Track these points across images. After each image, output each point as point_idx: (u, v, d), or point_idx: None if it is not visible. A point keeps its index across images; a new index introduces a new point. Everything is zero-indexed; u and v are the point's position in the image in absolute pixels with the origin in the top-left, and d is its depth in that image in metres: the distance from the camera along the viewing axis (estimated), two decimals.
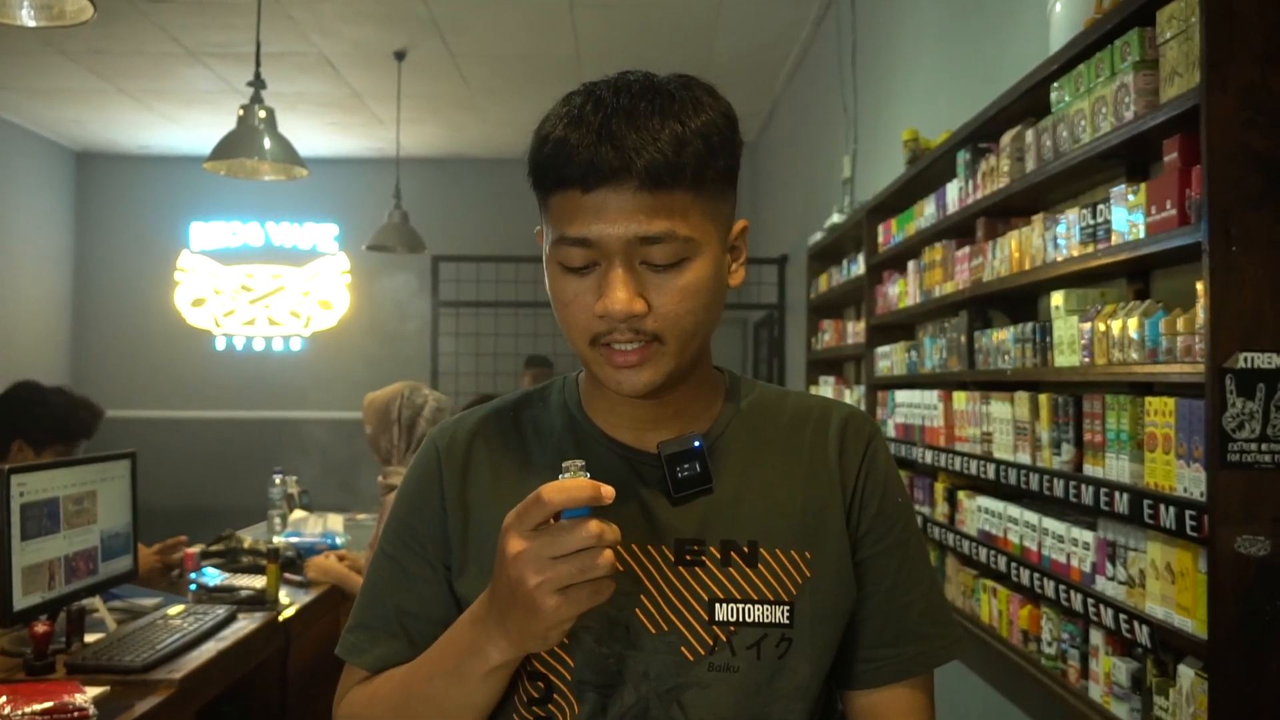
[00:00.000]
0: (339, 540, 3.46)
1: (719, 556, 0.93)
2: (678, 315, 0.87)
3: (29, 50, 5.32)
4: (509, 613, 0.80)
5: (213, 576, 2.92)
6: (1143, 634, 1.53)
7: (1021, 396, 2.04)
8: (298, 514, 3.86)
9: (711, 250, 0.89)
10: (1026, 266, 2.03)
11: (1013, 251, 2.10)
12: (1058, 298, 1.89)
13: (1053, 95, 1.89)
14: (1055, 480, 1.83)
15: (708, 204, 0.88)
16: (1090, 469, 1.74)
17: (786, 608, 0.92)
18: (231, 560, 3.24)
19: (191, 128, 6.82)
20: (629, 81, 0.88)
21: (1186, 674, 1.44)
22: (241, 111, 3.60)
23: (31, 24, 2.17)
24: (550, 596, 0.77)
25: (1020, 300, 2.28)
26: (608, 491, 0.77)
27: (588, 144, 0.84)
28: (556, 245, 0.88)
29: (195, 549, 3.15)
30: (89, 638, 2.28)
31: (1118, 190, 1.67)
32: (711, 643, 0.91)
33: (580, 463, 0.79)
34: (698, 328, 0.89)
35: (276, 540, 3.43)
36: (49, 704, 1.77)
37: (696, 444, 0.92)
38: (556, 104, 0.90)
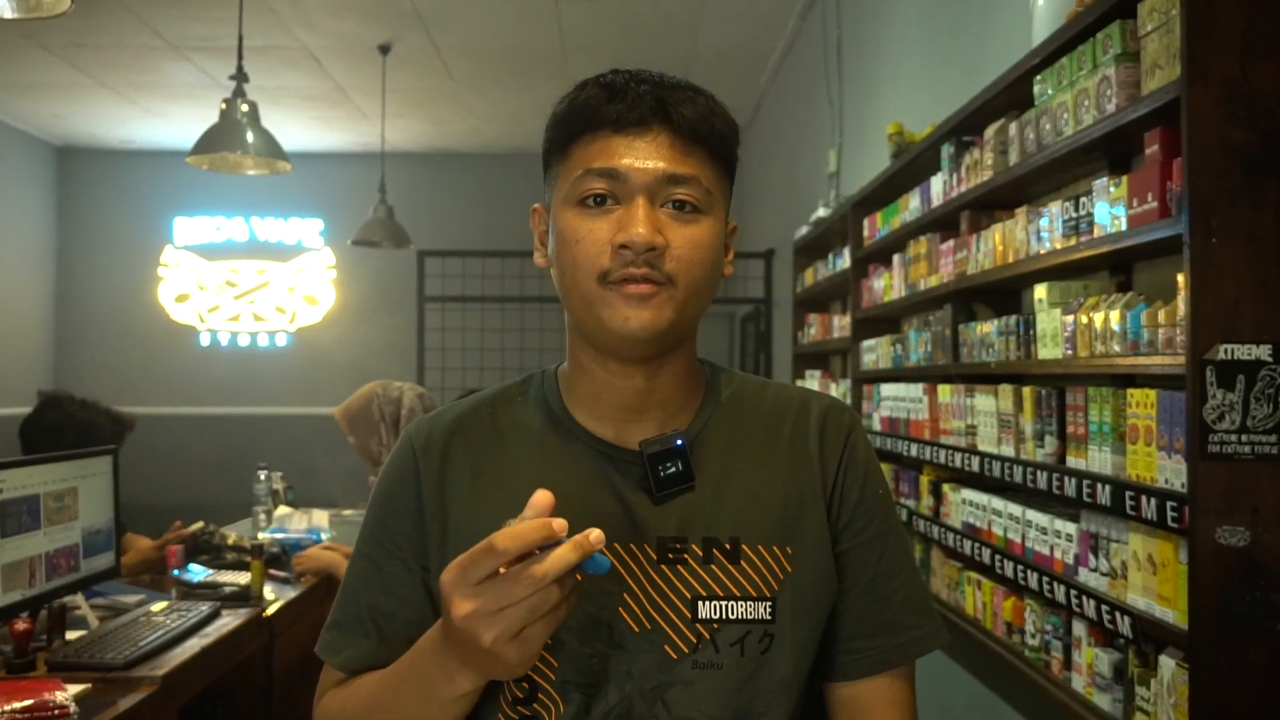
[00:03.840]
0: (324, 536, 3.44)
1: (701, 554, 0.92)
2: (691, 262, 0.89)
3: (8, 44, 5.27)
4: (470, 657, 0.78)
5: (197, 573, 2.90)
6: (1124, 625, 1.54)
7: (1005, 389, 2.04)
8: (282, 510, 3.85)
9: (719, 219, 0.93)
10: (1010, 259, 2.03)
11: (996, 244, 2.10)
12: (1041, 290, 1.90)
13: (1035, 88, 1.89)
14: (1039, 472, 1.84)
15: (720, 178, 0.93)
16: (1073, 461, 1.74)
17: (769, 603, 0.92)
18: (216, 556, 3.22)
19: (174, 122, 6.77)
20: (653, 71, 0.94)
21: (1167, 664, 1.45)
22: (224, 105, 3.58)
23: (9, 15, 2.15)
24: (508, 646, 0.74)
25: (1004, 293, 2.29)
26: (560, 525, 0.73)
27: (627, 93, 0.89)
28: (579, 181, 0.89)
29: (191, 528, 3.18)
30: (70, 635, 2.26)
31: (1100, 183, 1.67)
32: (695, 640, 0.91)
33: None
34: (704, 284, 0.91)
35: (261, 536, 3.42)
36: (29, 702, 1.76)
37: (679, 443, 0.92)
38: (581, 81, 0.94)
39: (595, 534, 0.73)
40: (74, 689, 1.89)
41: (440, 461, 0.97)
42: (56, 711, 1.76)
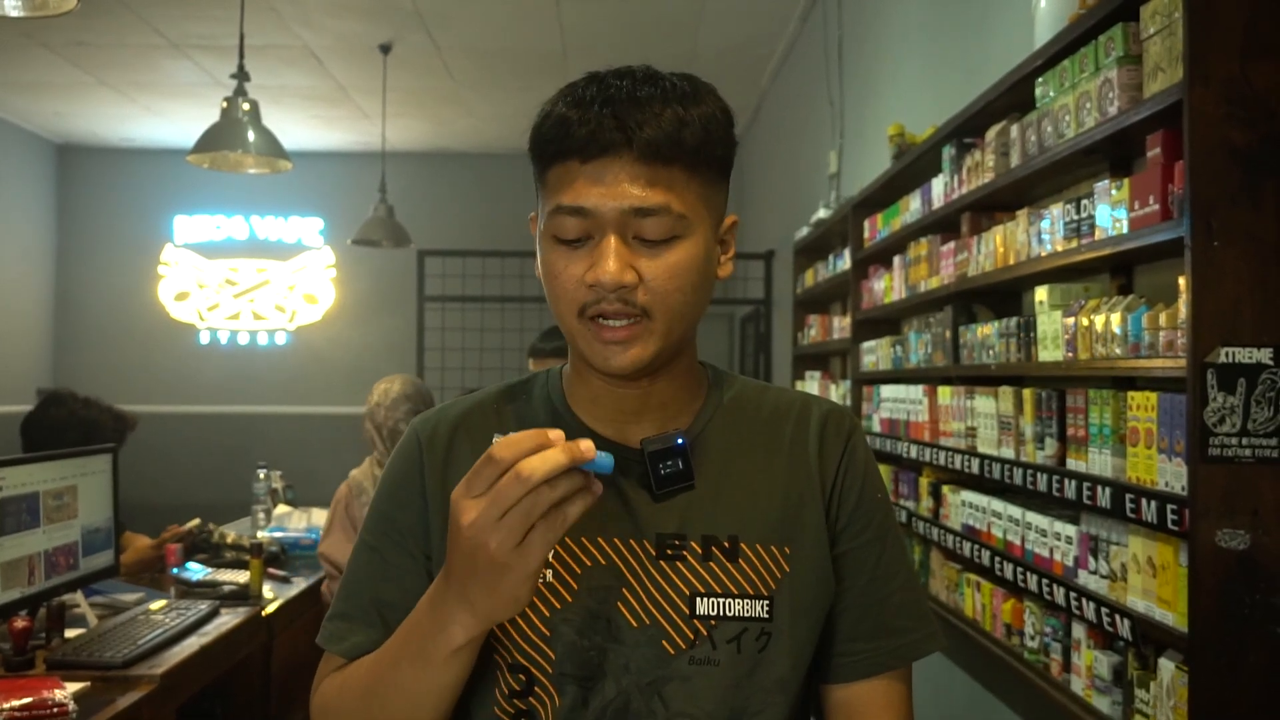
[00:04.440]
0: None
1: (700, 551, 0.93)
2: (667, 291, 0.88)
3: (9, 42, 5.27)
4: (470, 583, 0.79)
5: (196, 571, 2.90)
6: (1124, 627, 1.54)
7: (1005, 391, 2.04)
8: (282, 509, 3.85)
9: (703, 234, 0.90)
10: (1011, 261, 2.03)
11: (997, 246, 2.10)
12: (1042, 292, 1.90)
13: (1037, 90, 1.89)
14: (1039, 474, 1.84)
15: (702, 188, 0.89)
16: (1073, 463, 1.74)
17: (766, 602, 0.92)
18: (215, 555, 3.22)
19: (175, 120, 6.77)
20: (632, 70, 0.90)
21: (1167, 667, 1.45)
22: (225, 104, 3.58)
23: (15, 14, 2.15)
24: (512, 555, 0.76)
25: (1005, 295, 2.29)
26: (556, 435, 0.76)
27: (590, 118, 0.85)
28: (552, 216, 0.88)
29: (188, 525, 3.19)
30: (70, 633, 2.26)
31: (1101, 185, 1.67)
32: (692, 636, 0.91)
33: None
34: (686, 308, 0.90)
35: (260, 535, 3.42)
36: (28, 700, 1.76)
37: (679, 441, 0.92)
38: (559, 90, 0.91)
39: (585, 443, 0.76)
40: (73, 687, 1.89)
41: (445, 453, 0.98)
42: (55, 710, 1.76)
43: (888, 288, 2.93)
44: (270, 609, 2.75)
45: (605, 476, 0.77)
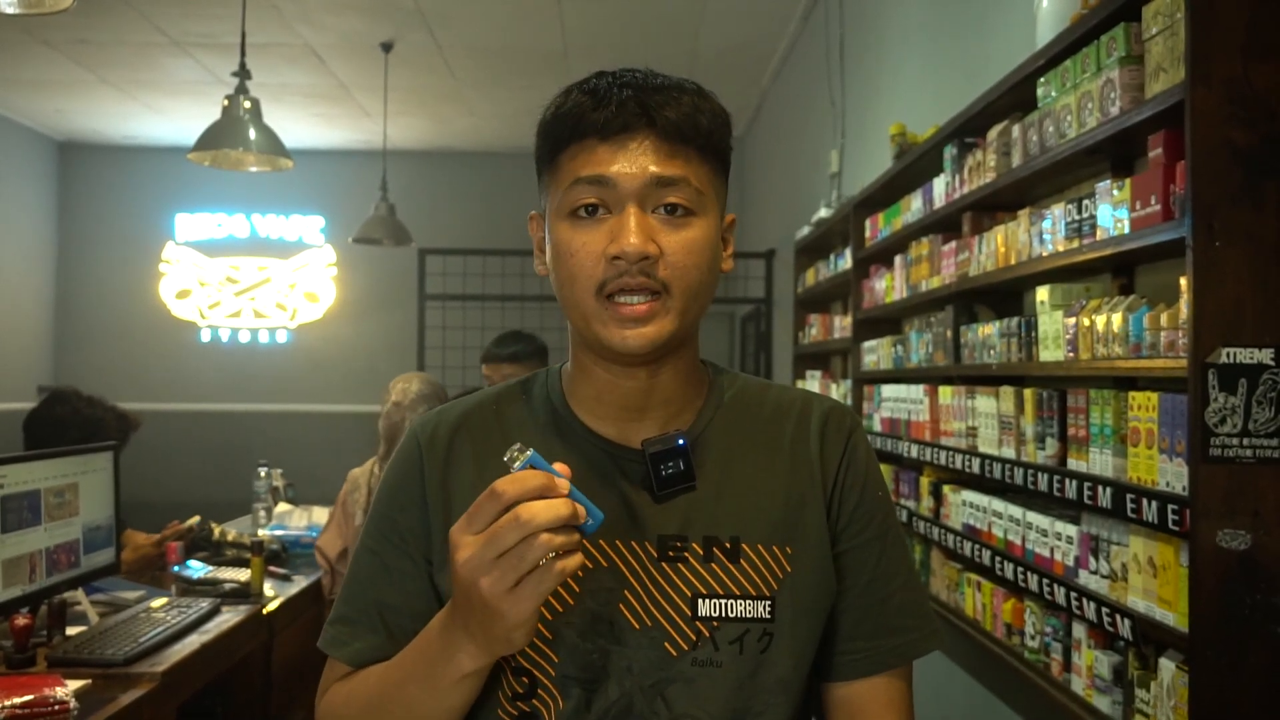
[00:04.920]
0: None
1: (701, 552, 0.93)
2: (686, 267, 0.89)
3: (11, 40, 5.27)
4: (470, 618, 0.79)
5: (197, 569, 2.90)
6: (1125, 627, 1.54)
7: (1006, 391, 2.04)
8: (283, 507, 3.85)
9: (713, 218, 0.92)
10: (1012, 261, 2.03)
11: (998, 246, 2.10)
12: (1043, 293, 1.90)
13: (1039, 90, 1.89)
14: (1039, 474, 1.84)
15: (711, 176, 0.92)
16: (1074, 463, 1.74)
17: (768, 602, 0.92)
18: (215, 553, 3.23)
19: (176, 118, 6.77)
20: (639, 69, 0.93)
21: (1168, 667, 1.45)
22: (226, 102, 3.58)
23: (10, 10, 2.15)
24: (504, 599, 0.76)
25: (1006, 295, 2.29)
26: (562, 485, 0.76)
27: (611, 99, 0.88)
28: (570, 190, 0.89)
29: (187, 522, 3.19)
30: (71, 631, 2.26)
31: (1103, 185, 1.67)
32: (695, 638, 0.91)
33: (527, 451, 0.77)
34: (701, 286, 0.91)
35: (261, 533, 3.42)
36: (29, 697, 1.76)
37: (680, 442, 0.92)
38: (564, 89, 0.93)
39: (581, 510, 0.76)
40: (74, 685, 1.89)
41: (445, 454, 0.98)
42: (57, 707, 1.76)
43: (889, 287, 2.93)
44: (271, 607, 2.75)
45: (610, 477, 0.77)
